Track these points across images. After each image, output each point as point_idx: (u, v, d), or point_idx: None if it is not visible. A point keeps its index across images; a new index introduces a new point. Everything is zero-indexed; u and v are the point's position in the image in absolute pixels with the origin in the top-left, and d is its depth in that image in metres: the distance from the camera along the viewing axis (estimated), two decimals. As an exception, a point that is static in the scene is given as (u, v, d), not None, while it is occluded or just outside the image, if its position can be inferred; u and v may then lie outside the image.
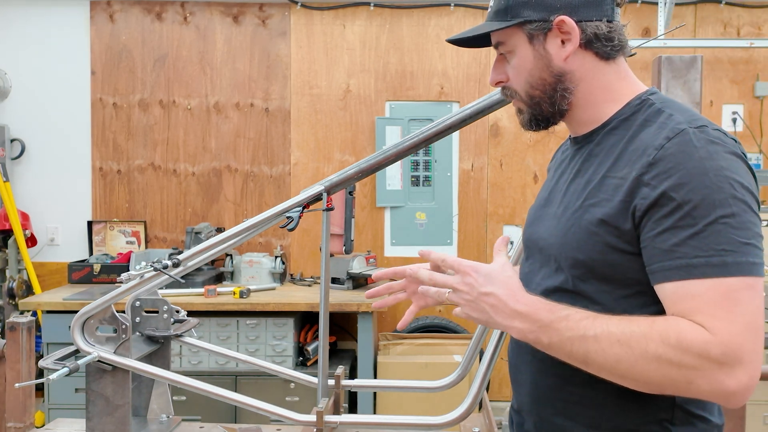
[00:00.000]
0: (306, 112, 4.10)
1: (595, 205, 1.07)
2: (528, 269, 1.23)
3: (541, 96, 1.14)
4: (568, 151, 1.24)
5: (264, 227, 1.46)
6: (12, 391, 1.50)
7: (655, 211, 0.98)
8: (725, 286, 0.94)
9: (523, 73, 1.14)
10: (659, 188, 0.98)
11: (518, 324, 1.02)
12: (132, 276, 1.41)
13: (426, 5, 4.05)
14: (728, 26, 4.02)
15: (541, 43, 1.12)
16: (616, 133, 1.11)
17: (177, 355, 3.39)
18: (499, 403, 4.03)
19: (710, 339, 0.93)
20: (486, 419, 1.62)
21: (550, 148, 4.05)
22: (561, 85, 1.12)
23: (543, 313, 1.01)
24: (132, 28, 4.09)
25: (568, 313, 1.01)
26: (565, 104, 1.14)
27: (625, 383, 0.99)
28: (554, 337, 1.00)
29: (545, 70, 1.12)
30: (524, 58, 1.14)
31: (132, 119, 4.11)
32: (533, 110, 1.16)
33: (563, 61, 1.11)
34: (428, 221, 4.11)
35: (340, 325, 3.93)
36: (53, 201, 4.11)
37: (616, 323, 0.98)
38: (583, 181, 1.12)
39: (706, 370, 0.93)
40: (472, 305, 1.06)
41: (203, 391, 1.41)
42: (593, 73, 1.12)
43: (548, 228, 1.17)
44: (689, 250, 0.95)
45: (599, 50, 1.11)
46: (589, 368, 1.00)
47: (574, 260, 1.08)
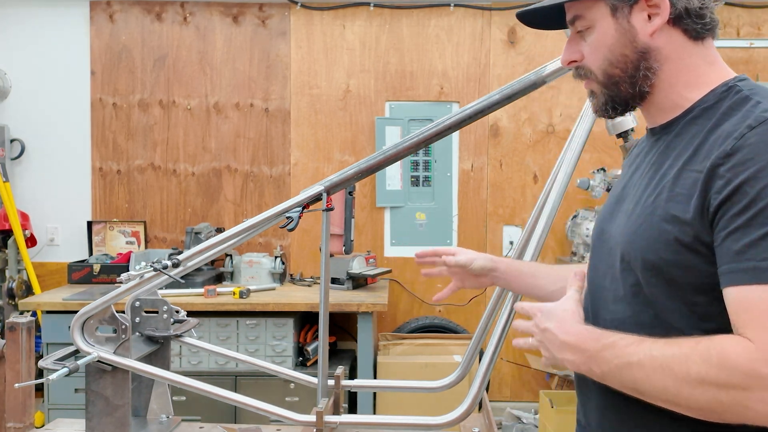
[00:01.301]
0: (306, 112, 4.10)
1: (669, 200, 0.97)
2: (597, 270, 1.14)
3: (620, 75, 1.04)
4: (644, 144, 1.15)
5: (264, 227, 1.46)
6: (12, 391, 1.50)
7: (729, 208, 0.89)
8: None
9: (602, 50, 1.04)
10: (734, 182, 0.89)
11: (569, 356, 0.99)
12: (132, 276, 1.41)
13: (426, 5, 4.05)
14: (728, 26, 4.02)
15: (626, 17, 1.02)
16: (698, 122, 1.00)
17: (177, 356, 3.39)
18: (499, 403, 4.03)
19: (759, 356, 0.83)
20: (486, 419, 1.62)
21: (549, 148, 4.05)
22: (645, 64, 1.03)
23: (589, 343, 0.97)
24: (132, 29, 4.09)
25: (614, 340, 0.94)
26: (647, 86, 1.04)
27: (682, 411, 0.90)
28: (603, 366, 0.95)
29: (628, 45, 1.03)
30: (605, 33, 1.04)
31: (132, 119, 4.11)
32: (610, 92, 1.06)
33: (649, 36, 1.02)
34: (428, 221, 4.11)
35: (339, 325, 3.93)
36: (53, 201, 4.11)
37: (660, 347, 0.90)
38: (659, 175, 1.02)
39: (756, 391, 0.83)
40: (540, 345, 1.04)
41: (203, 392, 1.41)
42: (679, 54, 1.03)
43: (619, 225, 1.08)
44: (759, 251, 0.86)
45: (689, 28, 1.02)
46: (645, 396, 0.92)
47: (645, 261, 0.99)
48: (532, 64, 3.98)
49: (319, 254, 1.51)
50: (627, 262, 1.03)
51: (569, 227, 3.92)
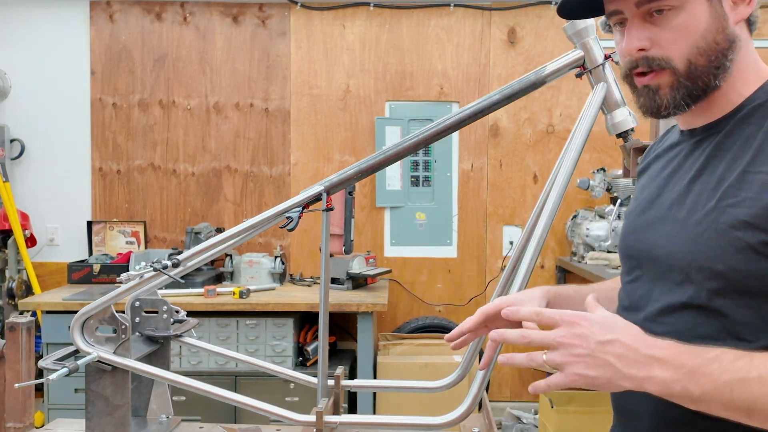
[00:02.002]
0: (306, 112, 4.10)
1: (735, 205, 0.91)
2: (635, 287, 1.05)
3: (705, 65, 0.95)
4: (680, 145, 1.07)
5: (264, 227, 1.46)
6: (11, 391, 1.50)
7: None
8: None
9: (693, 35, 0.94)
10: None
11: (658, 372, 0.82)
12: (131, 276, 1.41)
13: (426, 5, 4.05)
14: (728, 26, 4.01)
15: (719, 1, 0.94)
16: (752, 121, 0.95)
17: (177, 356, 3.39)
18: (499, 404, 4.03)
19: None
20: (486, 419, 1.62)
21: (549, 148, 4.05)
22: (731, 54, 0.95)
23: (686, 356, 0.83)
24: (132, 29, 4.09)
25: (716, 353, 0.82)
26: (722, 79, 0.96)
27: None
28: (707, 384, 0.81)
29: (721, 32, 0.94)
30: (698, 16, 0.93)
31: (132, 119, 4.11)
32: (688, 84, 0.96)
33: (735, 24, 0.95)
34: (428, 221, 4.11)
35: (339, 325, 3.93)
36: (53, 201, 4.11)
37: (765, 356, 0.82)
38: (714, 178, 0.96)
39: None
40: (588, 361, 0.84)
41: (203, 392, 1.41)
42: (747, 46, 0.97)
43: (667, 234, 1.00)
44: None
45: (752, 19, 0.97)
46: (754, 418, 0.81)
47: (711, 271, 0.92)
48: (532, 64, 3.98)
49: (319, 254, 1.51)
50: (686, 272, 0.95)
51: (569, 227, 3.92)
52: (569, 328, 0.86)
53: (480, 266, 4.10)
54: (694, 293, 0.94)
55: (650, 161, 1.18)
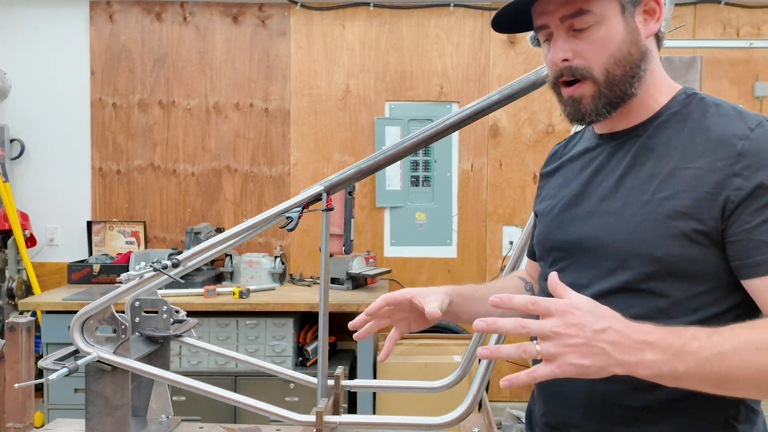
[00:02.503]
0: (305, 112, 4.10)
1: (670, 197, 1.01)
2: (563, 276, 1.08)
3: (621, 75, 1.04)
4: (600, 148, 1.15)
5: (263, 227, 1.46)
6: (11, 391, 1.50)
7: (751, 203, 0.96)
8: None
9: (610, 48, 1.03)
10: (754, 178, 0.96)
11: (650, 356, 0.86)
12: (131, 276, 1.41)
13: (426, 5, 4.05)
14: (728, 27, 4.02)
15: (632, 16, 1.04)
16: (671, 126, 1.06)
17: (176, 356, 3.39)
18: (499, 403, 4.03)
19: None
20: (486, 419, 1.62)
21: (549, 148, 4.04)
22: (643, 65, 1.05)
23: (671, 338, 0.87)
24: (131, 29, 4.09)
25: (692, 332, 0.89)
26: (638, 88, 1.06)
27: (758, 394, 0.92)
28: (691, 361, 0.86)
29: (634, 45, 1.04)
30: (614, 30, 1.03)
31: (131, 119, 4.11)
32: (607, 93, 1.05)
33: (645, 38, 1.05)
34: (428, 221, 4.11)
35: (339, 325, 3.93)
36: (53, 201, 4.11)
37: (747, 332, 0.89)
38: (643, 175, 1.06)
39: None
40: (583, 350, 0.85)
41: (203, 392, 1.41)
42: (656, 59, 1.08)
43: (601, 226, 1.08)
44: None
45: (660, 35, 1.08)
46: (724, 387, 0.89)
47: (649, 256, 1.02)
48: (532, 64, 3.98)
49: (319, 254, 1.51)
50: (623, 259, 1.04)
51: (569, 227, 3.92)
52: (563, 317, 0.86)
53: (480, 266, 4.10)
54: (629, 278, 1.03)
55: (562, 163, 1.26)
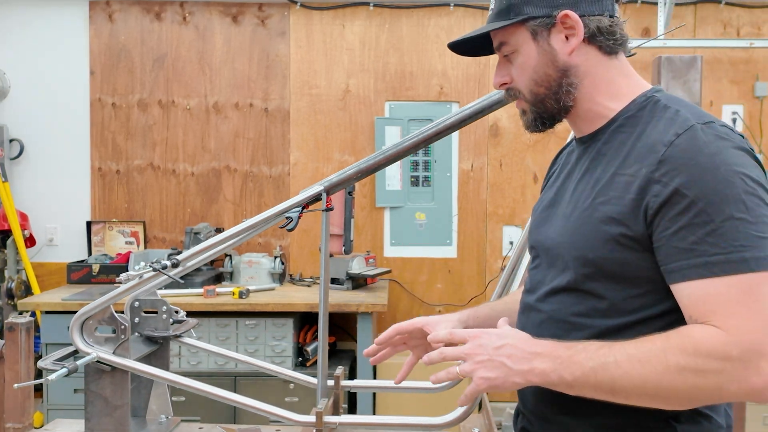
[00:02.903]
0: (305, 112, 4.10)
1: (605, 203, 1.06)
2: (535, 272, 1.22)
3: (545, 93, 1.13)
4: (574, 152, 1.24)
5: (263, 227, 1.46)
6: (11, 391, 1.50)
7: (669, 209, 0.98)
8: (746, 282, 0.93)
9: (528, 71, 1.13)
10: (671, 185, 0.98)
11: (539, 364, 0.99)
12: (131, 276, 1.41)
13: (425, 5, 4.05)
14: (728, 26, 4.02)
15: (545, 39, 1.11)
16: (624, 130, 1.10)
17: (176, 356, 3.39)
18: (499, 404, 4.02)
19: (727, 340, 0.92)
20: (486, 419, 1.62)
21: (549, 148, 4.05)
22: (566, 80, 1.12)
23: (561, 350, 1.00)
24: (131, 28, 4.08)
25: (584, 345, 1.00)
26: (570, 100, 1.13)
27: (658, 404, 0.97)
28: (577, 371, 0.97)
29: (550, 65, 1.11)
30: (528, 56, 1.12)
31: (131, 119, 4.11)
32: (538, 109, 1.15)
33: (568, 55, 1.11)
34: (428, 221, 4.11)
35: (339, 325, 3.93)
36: (52, 201, 4.10)
37: (633, 345, 0.96)
38: (593, 179, 1.12)
39: (731, 372, 0.91)
40: (487, 365, 1.02)
41: (202, 392, 1.41)
42: (597, 68, 1.12)
43: (556, 228, 1.16)
44: (708, 247, 0.95)
45: (602, 44, 1.11)
46: (617, 396, 0.98)
47: (584, 259, 1.07)
48: (531, 64, 3.97)
49: (319, 254, 1.51)
50: (566, 261, 1.11)
51: (569, 227, 3.92)
52: (474, 341, 1.04)
53: (480, 266, 4.10)
54: (571, 278, 1.10)
55: (557, 166, 1.33)
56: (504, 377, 1.01)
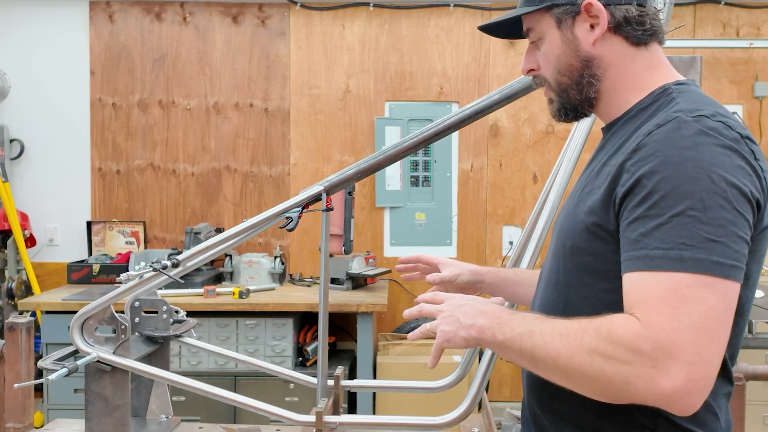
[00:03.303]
0: (305, 112, 4.10)
1: (589, 192, 1.05)
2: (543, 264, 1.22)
3: (568, 83, 1.11)
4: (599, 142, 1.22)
5: (263, 227, 1.46)
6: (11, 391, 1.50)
7: (630, 199, 0.95)
8: (676, 281, 0.89)
9: (552, 60, 1.11)
10: (636, 175, 0.95)
11: (481, 321, 1.04)
12: (131, 276, 1.41)
13: (425, 5, 4.05)
14: (727, 27, 4.02)
15: (569, 28, 1.09)
16: (631, 122, 1.07)
17: (176, 356, 3.39)
18: (499, 404, 4.03)
19: (641, 333, 0.88)
20: (485, 419, 1.62)
21: (549, 148, 4.05)
22: (588, 71, 1.09)
23: (505, 313, 1.05)
24: (131, 29, 4.09)
25: (527, 314, 1.03)
26: (593, 92, 1.10)
27: (569, 384, 0.96)
28: (507, 332, 1.00)
29: (573, 55, 1.09)
30: (552, 44, 1.11)
31: (131, 119, 4.11)
32: (562, 98, 1.13)
33: (591, 45, 1.08)
34: (427, 221, 4.11)
35: (339, 325, 3.93)
36: (52, 201, 4.10)
37: (563, 321, 0.97)
38: (590, 170, 1.11)
39: (637, 367, 0.88)
40: (447, 319, 1.08)
41: (202, 392, 1.41)
42: (622, 59, 1.08)
43: (559, 217, 1.17)
44: (651, 241, 0.91)
45: (629, 35, 1.07)
46: (538, 367, 0.98)
47: (564, 249, 1.08)
48: (531, 64, 3.97)
49: (319, 254, 1.51)
50: (557, 250, 1.12)
51: (569, 227, 3.92)
52: (448, 301, 1.11)
53: (480, 266, 4.10)
54: (556, 270, 1.11)
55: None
56: (455, 331, 1.06)
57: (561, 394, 1.04)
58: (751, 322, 2.62)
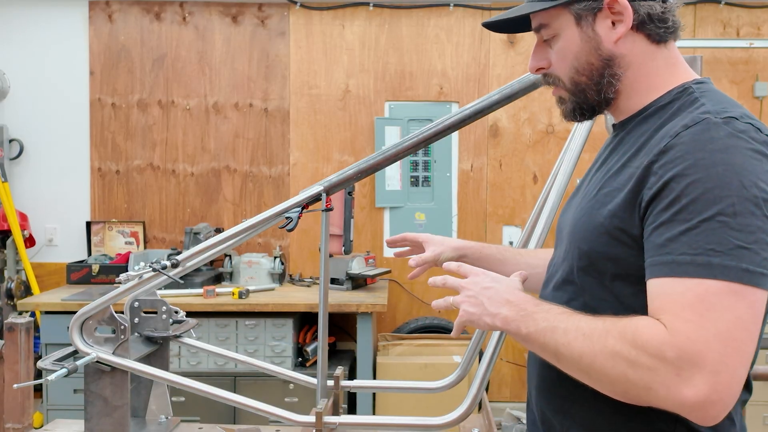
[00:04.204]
0: (305, 112, 4.10)
1: (607, 194, 1.01)
2: (553, 259, 1.20)
3: (587, 83, 1.06)
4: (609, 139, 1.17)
5: (263, 228, 1.46)
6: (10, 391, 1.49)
7: (657, 203, 0.92)
8: (703, 288, 0.86)
9: (569, 58, 1.06)
10: (664, 178, 0.91)
11: (506, 311, 1.02)
12: (131, 276, 1.41)
13: (425, 5, 4.05)
14: (728, 26, 4.02)
15: (590, 25, 1.03)
16: (649, 121, 1.03)
17: (176, 356, 3.39)
18: (499, 404, 4.03)
19: (667, 340, 0.86)
20: (485, 420, 1.62)
21: (549, 148, 4.05)
22: (609, 71, 1.04)
23: (530, 304, 1.01)
24: (131, 28, 4.08)
25: (551, 307, 1.00)
26: (612, 92, 1.06)
27: (591, 382, 0.95)
28: (531, 326, 0.98)
29: (593, 53, 1.04)
30: (570, 41, 1.05)
31: (131, 119, 4.11)
32: (578, 98, 1.08)
33: (613, 44, 1.03)
34: (427, 222, 4.10)
35: (339, 325, 3.93)
36: (52, 201, 4.10)
37: (587, 319, 0.95)
38: (605, 170, 1.07)
39: (661, 374, 0.86)
40: (472, 300, 1.06)
41: (202, 392, 1.41)
42: (643, 58, 1.04)
43: (569, 217, 1.13)
44: (678, 246, 0.89)
45: (652, 33, 1.03)
46: (561, 363, 0.97)
47: (580, 250, 1.04)
48: (531, 64, 3.97)
49: (319, 254, 1.51)
50: (568, 251, 1.08)
51: (569, 227, 3.92)
52: (473, 277, 1.09)
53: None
54: (569, 271, 1.08)
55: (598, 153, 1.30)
56: (479, 315, 1.05)
57: (575, 397, 1.03)
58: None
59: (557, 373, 1.03)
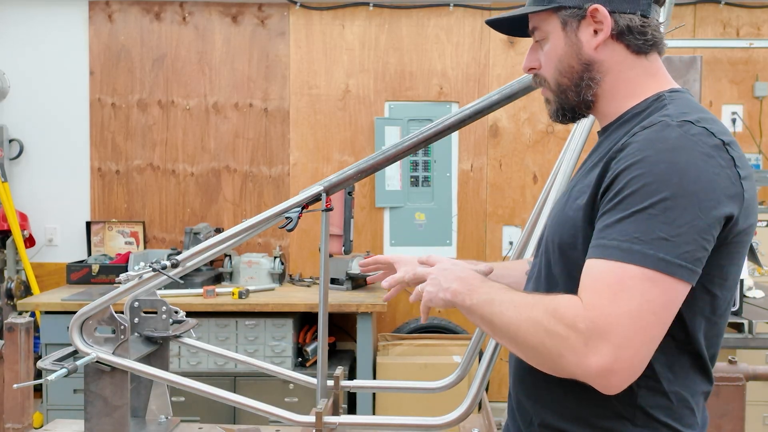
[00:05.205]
0: (305, 112, 4.10)
1: (579, 191, 1.09)
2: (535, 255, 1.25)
3: (567, 84, 1.14)
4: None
5: (263, 228, 1.46)
6: (10, 391, 1.50)
7: (607, 194, 1.00)
8: (622, 270, 0.94)
9: (554, 60, 1.14)
10: (615, 171, 0.99)
11: (456, 285, 1.10)
12: (131, 276, 1.41)
13: (425, 5, 4.05)
14: (727, 26, 4.02)
15: (574, 31, 1.12)
16: (625, 126, 1.10)
17: (176, 356, 3.39)
18: (499, 404, 4.02)
19: (581, 313, 0.94)
20: (485, 420, 1.62)
21: (549, 148, 4.05)
22: (588, 74, 1.12)
23: (476, 281, 1.10)
24: (131, 28, 4.08)
25: (494, 283, 1.09)
26: (590, 95, 1.13)
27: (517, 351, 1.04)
28: (475, 298, 1.07)
29: (574, 57, 1.12)
30: (556, 45, 1.14)
31: (131, 119, 4.11)
32: (560, 99, 1.16)
33: (593, 50, 1.11)
34: (427, 222, 4.11)
35: (339, 325, 3.93)
36: (52, 201, 4.10)
37: (522, 294, 1.05)
38: (582, 170, 1.15)
39: (571, 341, 0.94)
40: (432, 281, 1.15)
41: (202, 392, 1.41)
42: (621, 66, 1.12)
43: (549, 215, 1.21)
44: (611, 232, 0.96)
45: (630, 43, 1.11)
46: (494, 333, 1.06)
47: (553, 244, 1.11)
48: (531, 64, 3.97)
49: (319, 254, 1.51)
50: (546, 246, 1.15)
51: (569, 227, 3.92)
52: (438, 264, 1.18)
53: (479, 266, 4.10)
54: (545, 264, 1.14)
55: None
56: (435, 292, 1.14)
57: (545, 384, 1.09)
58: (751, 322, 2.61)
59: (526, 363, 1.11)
